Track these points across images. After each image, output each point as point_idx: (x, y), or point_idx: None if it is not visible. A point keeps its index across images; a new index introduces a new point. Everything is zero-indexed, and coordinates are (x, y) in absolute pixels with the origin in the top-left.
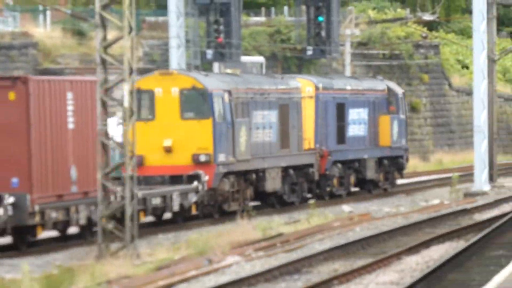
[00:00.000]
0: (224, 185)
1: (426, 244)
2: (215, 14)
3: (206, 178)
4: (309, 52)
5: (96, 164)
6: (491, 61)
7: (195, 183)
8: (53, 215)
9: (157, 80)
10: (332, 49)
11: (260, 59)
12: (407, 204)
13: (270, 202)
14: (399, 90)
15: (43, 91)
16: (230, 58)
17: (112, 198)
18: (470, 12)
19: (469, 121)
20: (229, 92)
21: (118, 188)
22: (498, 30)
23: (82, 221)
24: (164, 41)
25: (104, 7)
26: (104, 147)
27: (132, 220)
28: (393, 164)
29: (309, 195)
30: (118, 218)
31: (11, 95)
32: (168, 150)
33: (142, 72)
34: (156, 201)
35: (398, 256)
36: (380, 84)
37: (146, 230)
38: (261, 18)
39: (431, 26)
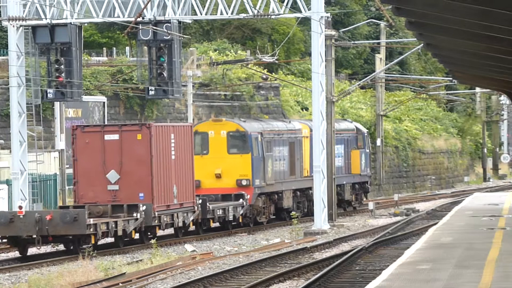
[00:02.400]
0: (259, 202)
1: (267, 282)
2: (56, 53)
3: (248, 196)
4: (151, 92)
5: (188, 183)
6: (330, 102)
7: (241, 200)
8: (165, 219)
9: (210, 125)
10: (174, 90)
11: (102, 98)
12: (248, 243)
13: (283, 216)
14: (364, 130)
15: (158, 133)
16: (71, 97)
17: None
18: (309, 54)
19: None
20: (261, 134)
21: None
22: (337, 72)
23: (180, 224)
24: (4, 80)
25: None
26: None
27: None
28: (361, 188)
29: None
30: None
31: (139, 136)
32: (218, 176)
33: None
34: (219, 212)
35: None
36: (351, 125)
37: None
38: (103, 58)
39: (271, 68)
